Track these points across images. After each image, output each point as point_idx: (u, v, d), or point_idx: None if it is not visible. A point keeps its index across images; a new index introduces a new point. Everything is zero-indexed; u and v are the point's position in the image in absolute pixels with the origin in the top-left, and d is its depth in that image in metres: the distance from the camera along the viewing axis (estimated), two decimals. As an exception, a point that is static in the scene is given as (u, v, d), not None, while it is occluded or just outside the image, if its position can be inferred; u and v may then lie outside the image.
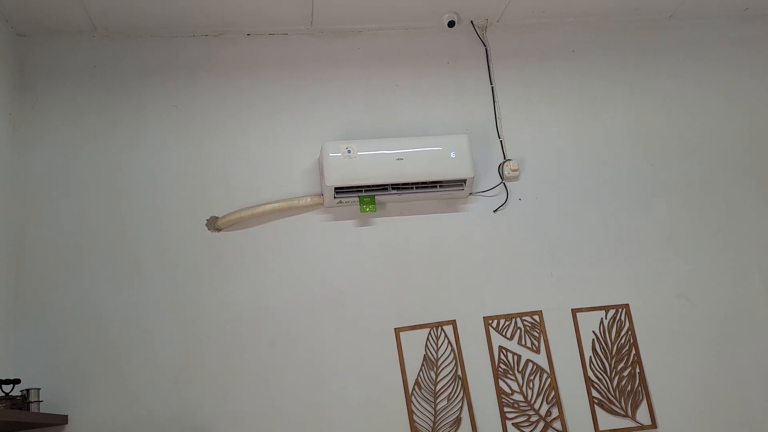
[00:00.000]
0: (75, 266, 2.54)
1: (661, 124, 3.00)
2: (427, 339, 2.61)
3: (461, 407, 2.54)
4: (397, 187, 2.63)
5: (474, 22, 3.02)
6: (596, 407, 2.59)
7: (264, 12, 2.79)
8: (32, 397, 2.29)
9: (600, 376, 2.62)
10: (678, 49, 3.12)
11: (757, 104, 3.07)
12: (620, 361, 2.65)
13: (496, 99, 2.94)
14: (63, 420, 2.35)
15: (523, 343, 2.63)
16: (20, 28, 2.73)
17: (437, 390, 2.56)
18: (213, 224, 2.65)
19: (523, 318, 2.67)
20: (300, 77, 2.88)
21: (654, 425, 2.58)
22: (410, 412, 2.51)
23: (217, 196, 2.68)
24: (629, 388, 2.62)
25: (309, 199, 2.68)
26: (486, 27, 3.03)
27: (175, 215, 2.64)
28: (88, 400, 2.41)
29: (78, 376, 2.42)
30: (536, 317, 2.67)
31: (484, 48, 3.00)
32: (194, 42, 2.86)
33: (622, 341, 2.67)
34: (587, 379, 2.61)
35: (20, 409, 2.21)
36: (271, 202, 2.66)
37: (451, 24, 2.95)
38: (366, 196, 2.63)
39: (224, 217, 2.64)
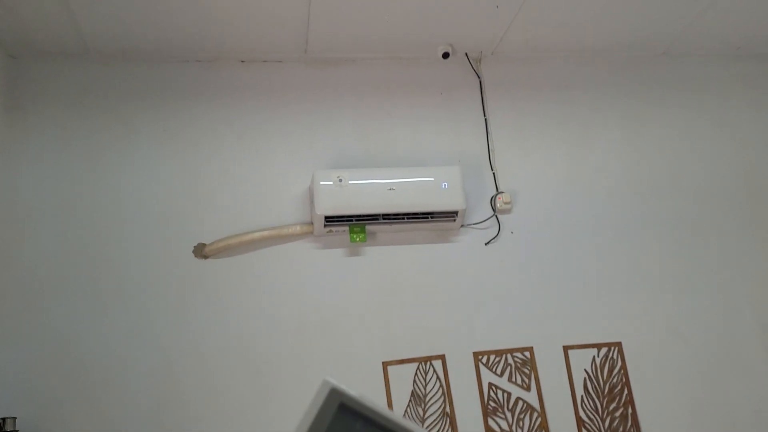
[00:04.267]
0: (57, 291, 2.47)
1: (653, 160, 2.99)
2: (416, 374, 2.55)
3: (449, 445, 2.48)
4: (388, 217, 2.60)
5: (468, 54, 3.02)
6: (587, 448, 2.53)
7: (259, 39, 2.78)
8: (8, 426, 2.23)
9: (592, 416, 2.57)
10: (671, 85, 3.13)
11: (749, 141, 3.08)
12: (612, 401, 2.60)
13: (489, 131, 2.93)
14: (37, 451, 2.28)
15: (514, 380, 2.58)
16: (12, 50, 2.70)
17: (425, 427, 2.49)
18: (200, 251, 2.60)
19: (514, 354, 2.62)
20: (293, 105, 2.86)
21: (646, 467, 2.52)
22: (397, 449, 2.45)
23: (206, 223, 2.64)
24: (621, 429, 2.56)
25: (298, 228, 2.65)
26: (480, 59, 3.04)
27: (163, 241, 2.59)
28: (64, 429, 2.33)
29: (55, 405, 2.35)
30: (527, 353, 2.62)
31: (478, 80, 3.00)
32: (188, 67, 2.85)
33: (615, 380, 2.62)
34: (578, 419, 2.55)
35: (-6, 438, 2.15)
36: (259, 230, 2.62)
37: (446, 55, 2.95)
38: (356, 225, 2.60)
39: (212, 244, 2.60)
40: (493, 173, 2.87)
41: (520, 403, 2.55)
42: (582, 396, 2.58)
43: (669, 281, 2.80)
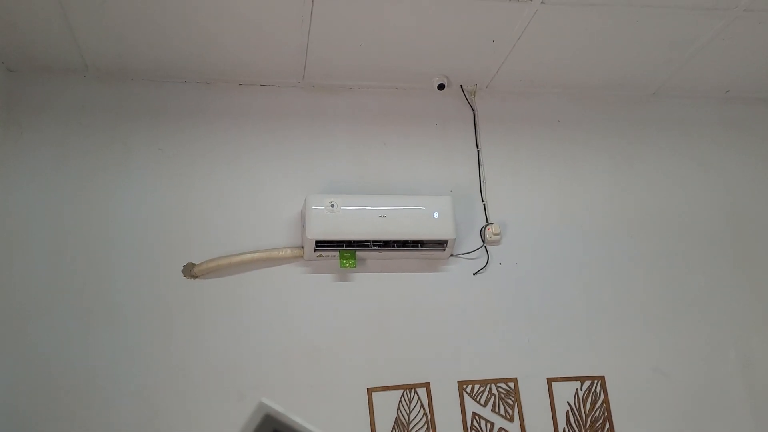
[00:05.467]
0: (44, 311, 2.45)
1: (642, 197, 3.04)
2: (400, 401, 2.55)
3: (431, 474, 2.47)
4: (379, 244, 2.62)
5: (463, 87, 3.08)
6: (568, 482, 2.53)
7: (257, 63, 2.82)
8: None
9: (573, 450, 2.58)
10: (660, 125, 3.20)
11: (735, 182, 3.14)
12: (594, 435, 2.61)
13: (481, 162, 2.97)
14: (15, 468, 2.24)
15: (497, 410, 2.59)
16: (11, 64, 2.72)
17: (407, 455, 2.49)
18: (189, 271, 2.60)
19: (498, 384, 2.63)
20: (288, 129, 2.89)
21: (626, 503, 2.52)
22: (378, 477, 2.44)
23: (197, 243, 2.65)
24: (602, 463, 2.57)
25: (289, 251, 2.66)
26: (475, 92, 3.09)
27: (152, 261, 2.59)
28: (43, 448, 2.30)
29: (39, 427, 2.31)
30: (511, 384, 2.63)
31: (472, 112, 3.05)
32: (186, 88, 2.88)
33: (596, 414, 2.64)
34: (560, 451, 2.56)
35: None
36: (250, 252, 2.63)
37: (441, 87, 3.00)
38: (346, 251, 2.62)
39: (201, 264, 2.60)
40: (484, 204, 2.90)
41: (503, 434, 2.56)
42: (564, 428, 2.59)
43: (654, 318, 2.83)
